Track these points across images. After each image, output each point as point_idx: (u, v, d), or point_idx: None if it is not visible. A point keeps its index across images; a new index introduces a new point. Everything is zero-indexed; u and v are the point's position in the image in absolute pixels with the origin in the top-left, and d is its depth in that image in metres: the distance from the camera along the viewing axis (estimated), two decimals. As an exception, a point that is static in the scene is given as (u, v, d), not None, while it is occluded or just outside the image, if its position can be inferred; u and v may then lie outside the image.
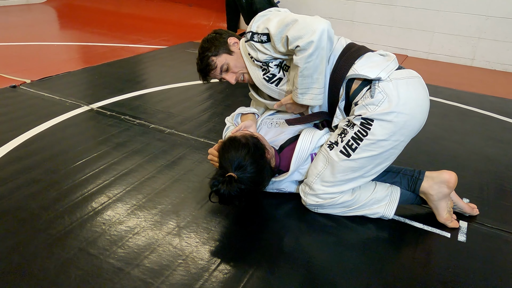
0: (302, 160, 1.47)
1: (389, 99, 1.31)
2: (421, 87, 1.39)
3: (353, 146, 1.37)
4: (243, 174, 1.32)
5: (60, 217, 1.42)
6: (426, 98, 1.40)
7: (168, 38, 4.48)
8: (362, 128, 1.35)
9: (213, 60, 1.56)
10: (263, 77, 1.53)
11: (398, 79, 1.34)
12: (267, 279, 1.20)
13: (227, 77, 1.60)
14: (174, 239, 1.34)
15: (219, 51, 1.55)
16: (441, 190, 1.43)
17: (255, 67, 1.53)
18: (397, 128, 1.33)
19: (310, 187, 1.47)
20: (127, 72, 3.18)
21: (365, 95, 1.35)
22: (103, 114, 2.32)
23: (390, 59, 1.39)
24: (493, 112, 2.75)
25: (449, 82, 3.43)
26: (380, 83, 1.33)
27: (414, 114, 1.34)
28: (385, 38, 4.42)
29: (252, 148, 1.37)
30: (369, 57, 1.40)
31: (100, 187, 1.61)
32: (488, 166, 1.98)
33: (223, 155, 1.37)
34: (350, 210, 1.48)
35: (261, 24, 1.44)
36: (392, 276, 1.24)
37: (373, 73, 1.33)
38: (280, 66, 1.50)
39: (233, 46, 1.57)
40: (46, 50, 3.73)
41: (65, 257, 1.24)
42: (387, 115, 1.31)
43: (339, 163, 1.39)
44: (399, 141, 1.36)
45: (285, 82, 1.52)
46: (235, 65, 1.57)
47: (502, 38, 3.90)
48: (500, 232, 1.48)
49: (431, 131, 2.37)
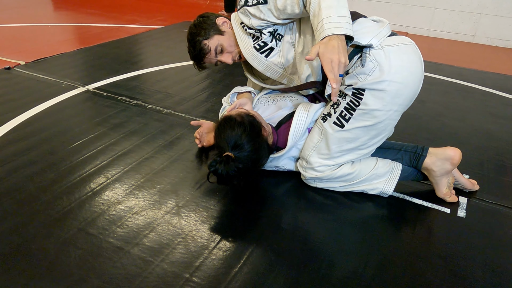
0: (299, 135, 1.46)
1: (380, 67, 1.27)
2: (413, 53, 1.34)
3: (346, 116, 1.35)
4: (240, 153, 1.31)
5: (58, 198, 1.41)
6: (420, 65, 1.35)
7: (164, 18, 4.40)
8: (354, 98, 1.32)
9: (206, 43, 1.51)
10: (254, 45, 1.46)
11: (389, 46, 1.29)
12: (267, 256, 1.20)
13: (222, 59, 1.55)
14: (173, 218, 1.34)
15: (209, 33, 1.51)
16: (444, 167, 1.42)
17: (245, 36, 1.48)
18: (389, 97, 1.30)
19: (306, 160, 1.46)
20: (123, 52, 3.13)
21: (355, 64, 1.31)
22: (100, 95, 2.29)
23: (383, 25, 1.34)
24: (494, 88, 2.72)
25: (450, 59, 3.38)
26: (371, 51, 1.29)
27: (406, 83, 1.30)
28: (386, 15, 4.34)
29: (248, 126, 1.35)
30: (361, 23, 1.34)
31: (98, 168, 1.60)
32: (488, 142, 1.97)
33: (219, 135, 1.36)
34: (350, 185, 1.47)
35: None
36: (391, 252, 1.25)
37: (364, 40, 1.28)
38: (273, 35, 1.44)
39: (222, 25, 1.52)
40: (41, 31, 3.66)
41: (64, 237, 1.24)
42: (378, 84, 1.28)
43: (334, 134, 1.37)
44: (392, 110, 1.33)
45: (276, 53, 1.46)
46: (229, 44, 1.52)
47: (504, 14, 3.83)
48: (500, 207, 1.48)
49: (432, 108, 2.35)
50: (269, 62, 1.48)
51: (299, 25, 1.43)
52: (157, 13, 4.61)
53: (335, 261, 1.20)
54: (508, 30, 3.88)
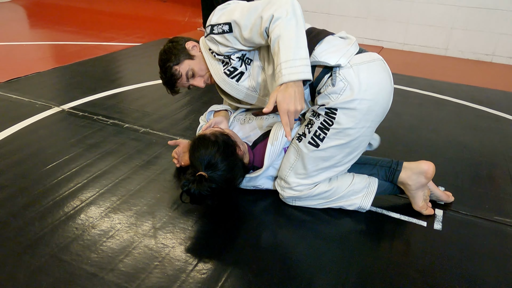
0: (275, 155, 1.46)
1: (351, 86, 1.29)
2: (382, 70, 1.36)
3: (321, 136, 1.36)
4: (213, 172, 1.30)
5: (30, 223, 1.37)
6: (389, 81, 1.37)
7: (142, 35, 4.39)
8: (327, 118, 1.34)
9: (176, 69, 1.52)
10: (224, 71, 1.47)
11: (358, 64, 1.31)
12: (245, 276, 1.18)
13: (195, 83, 1.56)
14: (150, 241, 1.31)
15: (180, 59, 1.51)
16: (419, 180, 1.44)
17: (215, 62, 1.49)
18: (361, 114, 1.31)
19: (284, 180, 1.46)
20: (100, 70, 3.10)
21: (326, 83, 1.33)
22: (75, 115, 2.25)
23: (350, 43, 1.36)
24: (467, 100, 2.80)
25: (424, 72, 3.48)
26: (341, 70, 1.30)
27: (377, 99, 1.32)
28: (361, 30, 4.45)
29: (222, 145, 1.34)
30: (329, 42, 1.36)
31: (73, 191, 1.56)
32: (463, 154, 2.02)
33: (193, 154, 1.35)
34: (328, 202, 1.47)
35: (222, 16, 1.38)
36: (369, 267, 1.25)
37: (333, 60, 1.30)
38: (242, 60, 1.45)
39: (192, 50, 1.53)
40: (15, 50, 3.60)
41: (35, 265, 1.19)
42: (349, 103, 1.30)
43: (309, 154, 1.38)
44: (365, 127, 1.34)
45: (246, 77, 1.47)
46: (200, 68, 1.53)
47: (474, 28, 3.98)
48: (475, 218, 1.51)
49: (407, 121, 2.40)
50: (240, 86, 1.49)
51: (267, 48, 1.43)
52: (135, 30, 4.60)
53: (314, 278, 1.19)
54: (478, 43, 4.02)
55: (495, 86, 3.19)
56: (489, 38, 3.96)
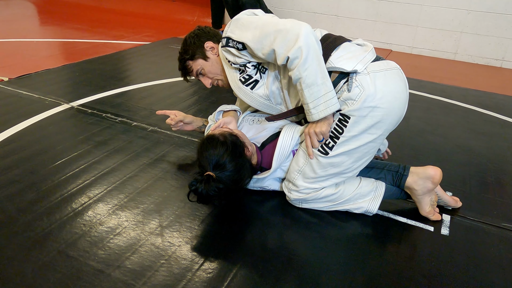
0: (283, 157, 1.46)
1: (366, 93, 1.29)
2: (399, 79, 1.37)
3: (330, 144, 1.37)
4: (221, 173, 1.31)
5: (38, 219, 1.38)
6: (405, 90, 1.38)
7: (151, 34, 4.41)
8: (339, 125, 1.34)
9: (189, 63, 1.59)
10: (239, 78, 1.49)
11: (376, 72, 1.32)
12: (251, 277, 1.19)
13: (202, 80, 1.63)
14: (156, 239, 1.32)
15: (195, 56, 1.57)
16: (426, 185, 1.43)
17: (232, 70, 1.51)
18: (374, 122, 1.32)
19: (292, 183, 1.46)
20: (109, 68, 3.12)
21: (342, 88, 1.33)
22: (84, 112, 2.27)
23: (367, 50, 1.37)
24: (475, 105, 2.78)
25: (432, 76, 3.46)
26: (357, 77, 1.31)
27: (391, 108, 1.33)
28: (370, 33, 4.43)
29: (230, 146, 1.35)
30: (345, 48, 1.37)
31: (81, 187, 1.57)
32: (470, 159, 2.00)
33: (201, 154, 1.36)
34: (335, 205, 1.47)
35: (236, 30, 1.39)
36: (375, 271, 1.24)
37: (349, 66, 1.31)
38: (257, 68, 1.46)
39: (209, 51, 1.57)
40: (25, 47, 3.63)
41: (43, 260, 1.20)
42: (363, 110, 1.30)
43: (318, 160, 1.39)
44: (377, 134, 1.35)
45: (261, 85, 1.48)
46: (209, 71, 1.58)
47: (484, 32, 3.95)
48: (482, 224, 1.50)
49: (415, 125, 2.38)
50: (254, 94, 1.49)
51: None
52: (144, 29, 4.63)
53: (320, 280, 1.19)
54: (487, 48, 4.00)
55: (504, 91, 3.16)
56: (499, 43, 3.93)
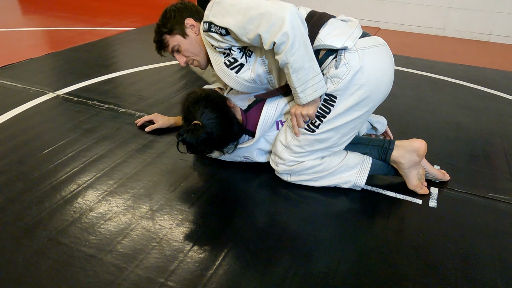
0: (267, 127, 1.49)
1: (353, 71, 1.29)
2: (386, 55, 1.37)
3: (316, 123, 1.38)
4: (208, 120, 1.38)
5: (27, 208, 1.37)
6: (391, 67, 1.38)
7: (136, 20, 4.34)
8: (326, 104, 1.35)
9: (166, 38, 1.50)
10: (224, 61, 1.41)
11: (364, 49, 1.31)
12: (242, 256, 1.20)
13: (177, 58, 1.54)
14: (147, 223, 1.32)
15: (173, 31, 1.47)
16: (412, 158, 1.45)
17: (216, 54, 1.43)
18: (360, 99, 1.33)
19: (279, 156, 1.48)
20: (94, 56, 3.07)
21: (329, 65, 1.33)
22: (70, 100, 2.24)
23: (354, 25, 1.36)
24: (464, 80, 2.79)
25: (421, 53, 3.46)
26: (346, 54, 1.30)
27: (378, 85, 1.33)
28: (359, 12, 4.40)
29: (212, 95, 1.44)
30: (332, 24, 1.35)
31: (69, 175, 1.56)
32: (458, 133, 2.02)
33: (186, 108, 1.43)
34: (322, 177, 1.48)
35: (218, 14, 1.31)
36: (365, 245, 1.26)
37: (339, 43, 1.30)
38: (243, 51, 1.41)
39: (188, 28, 1.47)
40: (8, 37, 3.55)
41: (34, 248, 1.20)
42: (350, 89, 1.31)
43: (305, 137, 1.40)
44: (363, 111, 1.36)
45: (246, 69, 1.41)
46: (186, 49, 1.49)
47: (471, 7, 3.94)
48: (470, 196, 1.52)
49: (404, 102, 2.39)
50: (239, 78, 1.43)
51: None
52: (129, 15, 4.54)
53: (311, 256, 1.21)
54: (475, 23, 3.99)
55: (492, 65, 3.17)
56: (486, 17, 3.92)
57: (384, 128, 1.72)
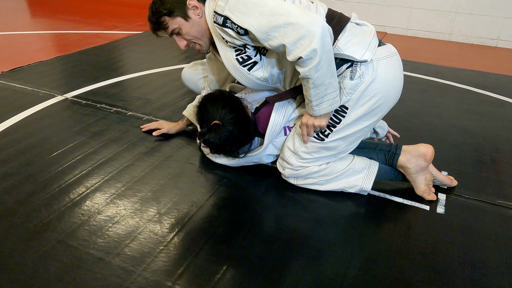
0: (275, 134, 1.52)
1: (367, 82, 1.30)
2: (398, 65, 1.38)
3: (326, 132, 1.39)
4: (227, 120, 1.41)
5: (37, 210, 1.39)
6: (401, 76, 1.40)
7: (143, 23, 4.36)
8: (336, 115, 1.36)
9: (166, 19, 1.39)
10: (236, 57, 1.36)
11: (378, 60, 1.32)
12: (249, 260, 1.20)
13: (177, 41, 1.45)
14: (155, 226, 1.33)
15: (173, 12, 1.36)
16: (419, 163, 1.44)
17: (228, 48, 1.37)
18: (371, 109, 1.34)
19: (287, 162, 1.49)
20: (102, 59, 3.09)
21: (344, 74, 1.33)
22: (78, 103, 2.26)
23: (370, 33, 1.35)
24: (470, 85, 2.78)
25: (427, 58, 3.45)
26: (362, 65, 1.30)
27: (389, 95, 1.35)
28: (365, 16, 4.40)
29: (227, 95, 1.47)
30: (350, 30, 1.34)
31: (78, 178, 1.57)
32: (466, 139, 2.01)
33: (203, 111, 1.47)
34: (329, 180, 1.48)
35: (236, 11, 1.22)
36: (372, 250, 1.26)
37: (358, 54, 1.29)
38: (257, 49, 1.35)
39: (191, 10, 1.37)
40: (17, 40, 3.59)
41: (43, 250, 1.21)
42: (361, 100, 1.32)
43: (313, 145, 1.42)
44: (372, 120, 1.38)
45: (259, 67, 1.37)
46: (187, 32, 1.40)
47: (478, 12, 3.93)
48: (478, 202, 1.51)
49: (410, 106, 2.39)
50: (251, 75, 1.39)
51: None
52: (136, 19, 4.57)
53: (318, 261, 1.21)
54: (482, 28, 3.98)
55: (499, 71, 3.16)
56: (493, 22, 3.91)
57: (385, 133, 1.73)
